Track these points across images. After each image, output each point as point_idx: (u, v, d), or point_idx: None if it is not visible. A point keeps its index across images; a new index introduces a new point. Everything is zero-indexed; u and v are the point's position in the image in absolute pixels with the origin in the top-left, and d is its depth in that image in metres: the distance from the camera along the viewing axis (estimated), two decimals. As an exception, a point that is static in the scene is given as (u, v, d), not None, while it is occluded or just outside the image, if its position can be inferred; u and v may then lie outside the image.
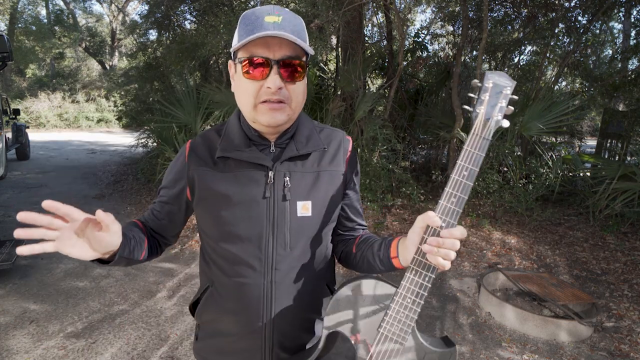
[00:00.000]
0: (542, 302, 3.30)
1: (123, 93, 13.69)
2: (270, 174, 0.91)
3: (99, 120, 20.62)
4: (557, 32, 7.34)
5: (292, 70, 0.85)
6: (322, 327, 0.88)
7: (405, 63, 7.81)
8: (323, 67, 6.84)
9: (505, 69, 8.83)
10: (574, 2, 7.21)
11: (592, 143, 9.42)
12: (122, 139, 14.43)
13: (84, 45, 21.90)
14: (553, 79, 7.73)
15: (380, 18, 9.10)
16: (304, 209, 0.93)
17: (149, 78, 8.94)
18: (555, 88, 7.70)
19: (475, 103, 0.78)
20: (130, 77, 10.96)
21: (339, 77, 6.24)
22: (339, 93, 6.04)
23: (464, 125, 5.73)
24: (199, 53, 5.85)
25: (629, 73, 7.76)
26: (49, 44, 19.70)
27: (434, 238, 0.75)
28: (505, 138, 5.35)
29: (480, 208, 5.55)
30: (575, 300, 3.12)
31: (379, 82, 8.48)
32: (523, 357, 2.71)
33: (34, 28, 19.15)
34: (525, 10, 7.13)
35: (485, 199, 5.52)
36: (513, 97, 0.78)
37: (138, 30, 10.20)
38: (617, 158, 6.81)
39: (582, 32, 7.32)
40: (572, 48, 7.43)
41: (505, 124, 0.77)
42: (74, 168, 9.33)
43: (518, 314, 3.04)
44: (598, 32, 9.44)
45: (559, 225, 5.36)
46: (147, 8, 8.83)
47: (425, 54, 8.41)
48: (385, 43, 7.83)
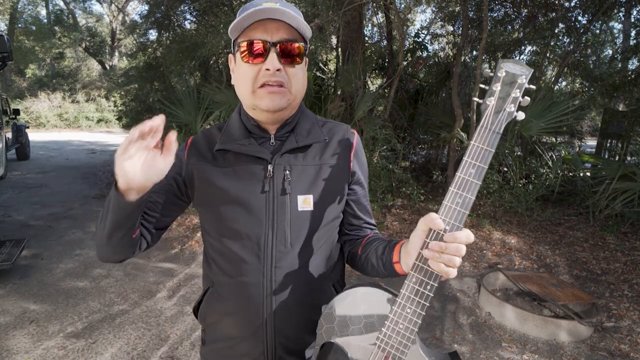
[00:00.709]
0: (542, 302, 3.30)
1: (123, 93, 13.69)
2: (270, 168, 0.89)
3: (99, 120, 20.63)
4: (557, 32, 7.34)
5: (290, 52, 0.84)
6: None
7: (405, 63, 7.81)
8: (323, 67, 6.84)
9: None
10: (574, 2, 7.21)
11: (592, 143, 9.42)
12: (122, 139, 14.38)
13: (84, 45, 21.90)
14: (553, 79, 7.74)
15: (380, 18, 9.10)
16: (305, 203, 0.89)
17: (149, 78, 8.94)
18: (555, 88, 7.70)
19: (486, 94, 0.72)
20: (130, 77, 10.96)
21: (339, 77, 6.24)
22: (339, 93, 6.04)
23: (464, 125, 5.73)
24: (199, 53, 5.85)
25: (629, 73, 7.76)
26: (49, 44, 19.70)
27: (436, 243, 0.69)
28: (505, 138, 5.35)
29: (480, 208, 5.55)
30: (575, 300, 3.12)
31: (379, 82, 8.47)
32: (523, 357, 2.71)
33: (34, 28, 19.14)
34: (525, 10, 7.13)
35: (485, 199, 5.52)
36: (530, 86, 0.71)
37: (138, 30, 10.19)
38: (617, 158, 6.81)
39: (582, 32, 7.32)
40: (572, 48, 7.43)
41: (520, 117, 0.70)
42: (74, 168, 9.33)
43: (518, 314, 3.04)
44: (598, 32, 9.44)
45: (559, 225, 5.36)
46: (147, 8, 8.83)
47: (425, 54, 8.41)
48: (385, 43, 7.83)
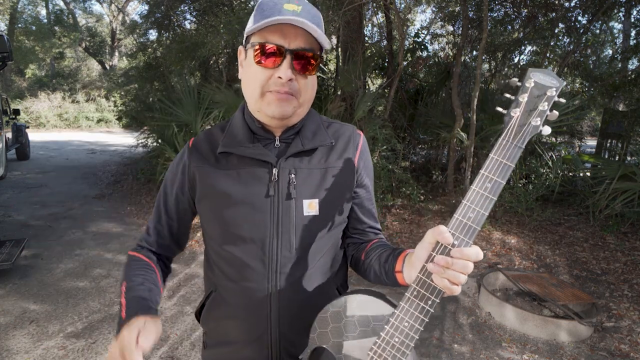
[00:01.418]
0: (542, 302, 3.30)
1: (123, 93, 13.69)
2: (275, 171, 0.87)
3: (99, 120, 20.61)
4: (557, 32, 7.35)
5: (305, 63, 0.81)
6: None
7: (405, 63, 7.81)
8: (323, 67, 6.84)
9: (505, 69, 8.84)
10: (574, 2, 7.21)
11: (592, 143, 9.41)
12: (122, 139, 14.43)
13: (84, 45, 21.90)
14: (553, 79, 7.72)
15: (380, 18, 9.10)
16: (311, 208, 0.87)
17: (149, 78, 8.94)
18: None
19: (511, 105, 0.68)
20: (130, 77, 10.95)
21: (339, 77, 6.24)
22: (339, 93, 6.04)
23: (464, 125, 5.73)
24: (199, 53, 5.84)
25: (629, 73, 7.76)
26: (49, 44, 19.69)
27: (443, 257, 0.65)
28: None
29: (480, 208, 5.54)
30: (575, 300, 3.12)
31: (379, 82, 8.47)
32: (523, 357, 2.70)
33: (34, 28, 19.14)
34: (525, 10, 7.13)
35: (485, 199, 5.51)
36: (559, 100, 0.67)
37: (138, 30, 10.20)
38: (617, 158, 6.81)
39: (582, 32, 7.32)
40: (572, 48, 7.43)
41: (546, 131, 0.66)
42: (74, 168, 9.33)
43: (518, 314, 3.04)
44: (598, 32, 9.43)
45: (559, 225, 5.36)
46: (147, 8, 8.82)
47: (425, 54, 8.41)
48: (385, 43, 7.83)
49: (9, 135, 8.72)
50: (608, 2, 6.82)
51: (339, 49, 6.70)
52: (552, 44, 7.38)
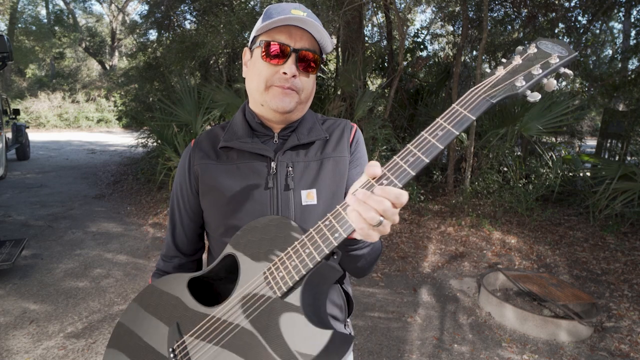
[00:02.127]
0: (542, 302, 3.30)
1: (123, 93, 13.68)
2: (273, 165, 0.91)
3: (99, 120, 20.62)
4: (557, 32, 7.34)
5: (308, 62, 0.88)
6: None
7: (405, 63, 7.82)
8: (323, 67, 6.84)
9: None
10: (574, 2, 7.21)
11: (592, 143, 9.42)
12: (122, 139, 14.43)
13: (84, 45, 21.91)
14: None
15: (380, 18, 9.10)
16: (309, 197, 0.91)
17: (149, 78, 8.94)
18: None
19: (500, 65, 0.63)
20: (130, 77, 10.96)
21: (339, 77, 6.24)
22: (339, 93, 6.04)
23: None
24: (199, 53, 5.84)
25: (629, 73, 7.76)
26: (49, 44, 19.72)
27: (364, 191, 0.62)
28: (505, 138, 5.35)
29: (480, 208, 5.55)
30: (575, 300, 3.12)
31: (379, 82, 8.48)
32: (523, 357, 2.70)
33: (34, 28, 19.16)
34: (525, 10, 7.13)
35: (485, 199, 5.52)
36: (565, 71, 0.60)
37: (138, 30, 10.21)
38: (617, 158, 6.81)
39: (582, 32, 7.33)
40: (572, 48, 7.42)
41: (533, 98, 0.60)
42: (74, 168, 9.33)
43: (518, 314, 3.04)
44: (598, 32, 9.44)
45: (559, 225, 5.36)
46: (147, 8, 8.84)
47: (425, 54, 8.42)
48: (385, 43, 7.84)
49: (9, 135, 8.72)
50: (608, 2, 6.82)
51: (339, 49, 6.70)
52: (552, 44, 7.37)
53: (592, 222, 5.31)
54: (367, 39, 9.16)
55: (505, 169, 5.68)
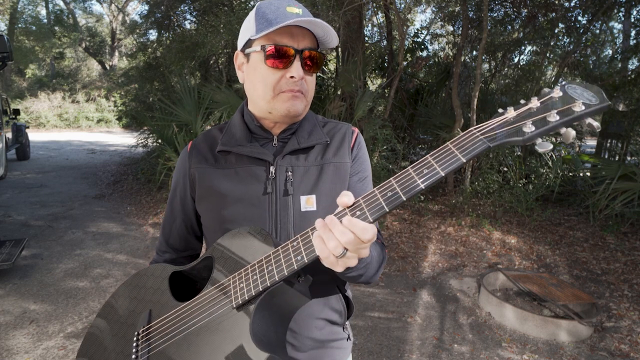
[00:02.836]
0: (542, 302, 3.31)
1: (123, 93, 13.69)
2: (272, 169, 0.89)
3: (99, 120, 20.62)
4: (557, 32, 7.35)
5: (312, 61, 0.85)
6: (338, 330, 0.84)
7: (405, 63, 7.81)
8: (323, 67, 6.83)
9: (505, 69, 8.84)
10: (574, 2, 7.21)
11: (592, 143, 9.42)
12: (122, 139, 14.43)
13: (84, 45, 21.91)
14: (553, 79, 7.74)
15: (380, 18, 9.10)
16: (308, 203, 0.89)
17: (149, 78, 8.95)
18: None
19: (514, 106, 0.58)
20: (130, 77, 10.96)
21: (339, 77, 6.24)
22: (339, 93, 6.04)
23: (464, 126, 5.73)
24: (199, 53, 5.84)
25: (629, 73, 7.76)
26: (49, 44, 19.72)
27: (333, 219, 0.61)
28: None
29: (480, 208, 5.55)
30: (575, 300, 3.12)
31: (379, 82, 8.48)
32: (523, 357, 2.71)
33: (34, 28, 19.17)
34: (525, 10, 7.13)
35: (485, 199, 5.52)
36: (591, 122, 0.51)
37: (138, 30, 10.22)
38: (617, 158, 6.81)
39: (582, 32, 7.33)
40: (572, 48, 7.44)
41: (542, 148, 0.53)
42: (74, 168, 9.33)
43: (518, 314, 3.04)
44: (598, 32, 9.43)
45: (559, 225, 5.36)
46: (147, 8, 8.84)
47: (425, 54, 8.42)
48: (385, 43, 7.83)
49: (9, 135, 8.72)
50: (608, 2, 6.82)
51: (339, 49, 6.70)
52: (552, 44, 7.39)
53: (592, 222, 5.31)
54: (367, 39, 9.16)
55: (505, 169, 5.68)
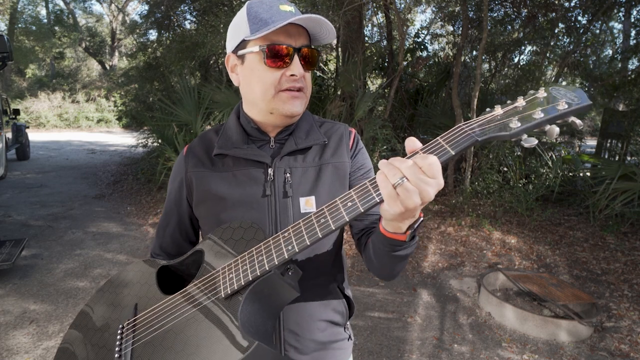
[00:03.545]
0: (542, 302, 3.30)
1: (123, 93, 13.70)
2: (270, 171, 0.88)
3: (99, 120, 20.62)
4: (557, 32, 7.35)
5: (310, 59, 0.85)
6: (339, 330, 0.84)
7: (405, 63, 7.81)
8: (323, 67, 6.84)
9: (505, 69, 8.84)
10: (574, 2, 7.21)
11: (592, 143, 9.42)
12: (122, 139, 14.43)
13: (84, 45, 21.91)
14: (553, 79, 7.74)
15: (380, 18, 9.10)
16: (308, 205, 0.88)
17: (149, 78, 8.95)
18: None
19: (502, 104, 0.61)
20: (130, 77, 10.97)
21: (339, 77, 6.24)
22: (339, 93, 6.04)
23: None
24: (199, 53, 5.84)
25: (629, 73, 7.76)
26: (49, 44, 19.72)
27: (400, 158, 0.60)
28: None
29: (480, 208, 5.55)
30: (575, 300, 3.12)
31: (379, 82, 8.48)
32: (523, 357, 2.71)
33: (34, 28, 19.16)
34: (525, 10, 7.13)
35: (485, 199, 5.51)
36: (574, 120, 0.55)
37: (138, 30, 10.22)
38: (617, 158, 6.81)
39: (582, 32, 7.33)
40: (572, 48, 7.44)
41: (528, 142, 0.56)
42: (74, 168, 9.33)
43: (518, 314, 3.04)
44: (598, 32, 9.43)
45: (559, 225, 5.36)
46: (147, 8, 8.84)
47: (425, 54, 8.42)
48: (385, 43, 7.83)
49: (9, 135, 8.72)
50: (608, 2, 6.82)
51: (339, 49, 6.70)
52: (552, 44, 7.39)
53: (592, 222, 5.31)
54: (367, 39, 9.16)
55: (505, 169, 5.68)
